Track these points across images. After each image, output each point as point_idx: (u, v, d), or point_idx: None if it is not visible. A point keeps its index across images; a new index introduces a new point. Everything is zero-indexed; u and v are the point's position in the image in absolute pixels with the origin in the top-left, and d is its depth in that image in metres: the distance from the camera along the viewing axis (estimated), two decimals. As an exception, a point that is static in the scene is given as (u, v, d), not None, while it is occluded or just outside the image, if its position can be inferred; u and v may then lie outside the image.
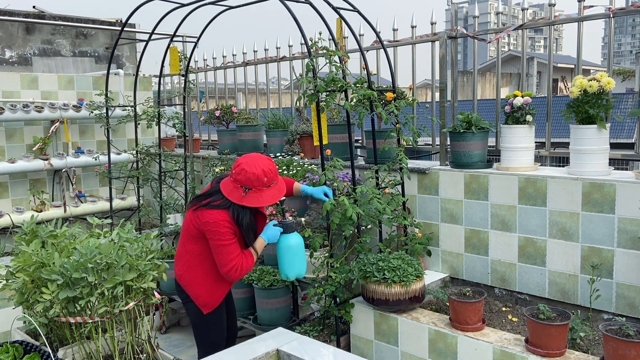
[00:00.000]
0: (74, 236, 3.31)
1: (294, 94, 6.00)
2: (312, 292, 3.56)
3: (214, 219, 2.86)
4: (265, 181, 2.88)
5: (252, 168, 2.86)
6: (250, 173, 2.85)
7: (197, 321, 3.16)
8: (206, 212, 2.90)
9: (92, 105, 5.79)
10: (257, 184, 2.87)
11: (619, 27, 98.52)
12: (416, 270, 3.40)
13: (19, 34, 6.89)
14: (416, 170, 4.08)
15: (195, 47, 5.72)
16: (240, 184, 2.88)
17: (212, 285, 3.07)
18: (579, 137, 3.31)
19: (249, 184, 2.86)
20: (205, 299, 3.07)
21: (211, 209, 2.90)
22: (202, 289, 3.06)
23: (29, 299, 2.99)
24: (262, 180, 2.87)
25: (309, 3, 3.77)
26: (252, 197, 2.87)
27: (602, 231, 3.24)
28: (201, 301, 3.08)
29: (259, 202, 2.89)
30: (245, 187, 2.87)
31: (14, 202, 5.91)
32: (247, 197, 2.87)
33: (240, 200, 2.87)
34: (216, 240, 2.87)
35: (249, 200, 2.87)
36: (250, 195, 2.87)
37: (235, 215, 2.90)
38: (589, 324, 3.19)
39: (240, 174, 2.87)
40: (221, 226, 2.85)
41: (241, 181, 2.87)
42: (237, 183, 2.88)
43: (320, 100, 3.57)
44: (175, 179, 6.14)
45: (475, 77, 4.25)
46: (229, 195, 2.89)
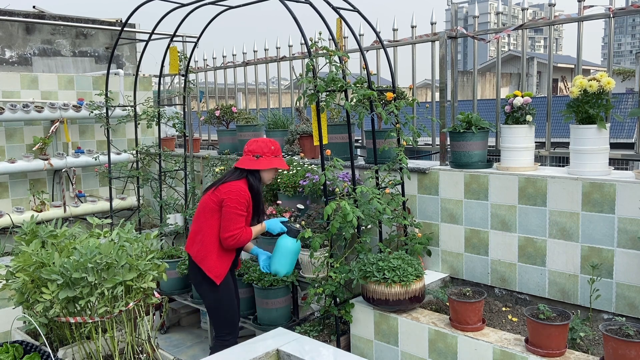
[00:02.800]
0: (74, 236, 3.31)
1: (294, 94, 6.00)
2: (312, 292, 3.56)
3: (237, 188, 3.32)
4: (272, 149, 3.45)
5: (261, 139, 3.51)
6: (260, 141, 3.46)
7: (213, 298, 3.47)
8: (228, 184, 3.36)
9: (92, 105, 5.79)
10: (267, 151, 3.42)
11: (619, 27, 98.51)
12: (416, 270, 3.40)
13: (19, 34, 6.89)
14: (416, 170, 4.08)
15: (195, 47, 5.72)
16: (252, 154, 3.42)
17: (223, 255, 3.41)
18: (579, 137, 3.31)
19: (259, 150, 3.41)
20: (218, 270, 3.39)
21: (231, 182, 3.36)
22: (215, 259, 3.38)
23: (29, 299, 2.99)
24: (270, 147, 3.43)
25: (309, 3, 3.77)
26: (263, 161, 3.40)
27: (602, 231, 3.24)
28: (215, 272, 3.38)
29: (270, 165, 3.41)
30: (257, 154, 3.41)
31: (14, 202, 5.92)
32: (259, 161, 3.40)
33: (253, 165, 3.38)
34: (232, 208, 3.28)
35: (260, 164, 3.39)
36: (262, 161, 3.40)
37: (250, 182, 3.38)
38: (589, 324, 3.19)
39: (252, 145, 3.45)
40: (242, 196, 3.31)
41: (253, 150, 3.42)
42: (250, 153, 3.43)
43: (320, 100, 3.56)
44: (175, 179, 6.14)
45: (475, 77, 4.25)
46: (243, 164, 3.40)
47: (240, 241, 3.32)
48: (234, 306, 3.55)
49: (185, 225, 5.69)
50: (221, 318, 3.52)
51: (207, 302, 3.54)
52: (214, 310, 3.53)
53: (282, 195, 4.48)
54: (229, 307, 3.51)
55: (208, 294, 3.47)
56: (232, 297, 3.53)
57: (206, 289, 3.46)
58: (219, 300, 3.48)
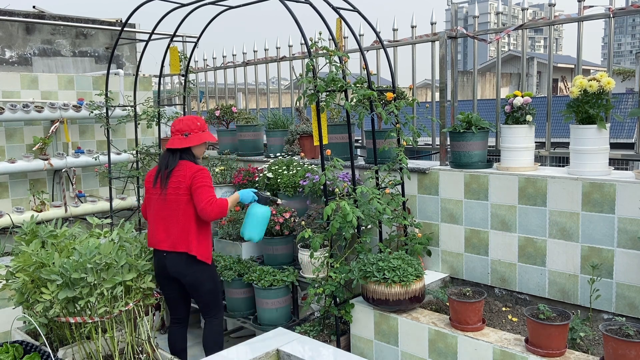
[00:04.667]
0: (73, 236, 3.31)
1: (294, 94, 6.00)
2: (312, 292, 3.56)
3: (196, 168, 3.38)
4: (199, 125, 3.48)
5: (186, 117, 3.55)
6: (185, 119, 3.50)
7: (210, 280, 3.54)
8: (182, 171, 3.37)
9: (92, 105, 5.79)
10: (194, 127, 3.45)
11: (619, 27, 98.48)
12: (416, 270, 3.40)
13: (19, 34, 6.89)
14: (416, 170, 4.08)
15: (195, 47, 5.72)
16: (181, 132, 3.43)
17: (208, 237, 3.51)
18: (579, 137, 3.31)
19: (187, 128, 3.44)
20: (205, 250, 3.45)
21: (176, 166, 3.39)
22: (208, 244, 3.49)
23: (29, 299, 2.99)
24: (196, 124, 3.46)
25: (309, 3, 3.77)
26: (194, 138, 3.43)
27: (602, 231, 3.24)
28: (205, 254, 3.44)
29: (200, 140, 3.45)
30: (185, 132, 3.43)
31: (14, 202, 5.91)
32: (189, 138, 3.41)
33: (184, 143, 3.39)
34: (201, 181, 3.32)
35: (191, 140, 3.41)
36: (192, 137, 3.42)
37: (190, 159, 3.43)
38: (589, 324, 3.19)
39: (178, 124, 3.46)
40: (204, 171, 3.37)
41: (181, 129, 3.44)
42: (178, 133, 3.44)
43: (320, 100, 3.56)
44: (175, 179, 6.13)
45: (475, 77, 4.25)
46: (174, 144, 3.40)
47: (220, 208, 3.31)
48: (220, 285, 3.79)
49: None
50: (217, 297, 3.63)
51: (208, 287, 3.54)
52: (211, 292, 3.57)
53: (282, 195, 4.48)
54: (219, 288, 3.67)
55: (204, 277, 3.51)
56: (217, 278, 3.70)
57: (202, 274, 3.48)
58: (214, 280, 3.59)
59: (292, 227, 4.36)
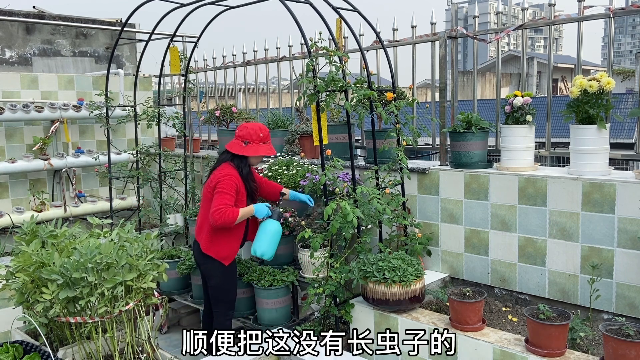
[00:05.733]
0: (74, 236, 3.31)
1: (294, 94, 6.00)
2: (312, 292, 3.56)
3: (225, 172, 3.53)
4: (261, 136, 3.58)
5: (252, 125, 3.62)
6: (250, 128, 3.58)
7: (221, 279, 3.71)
8: (218, 171, 3.58)
9: (92, 105, 5.79)
10: (255, 138, 3.56)
11: (619, 27, 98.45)
12: (416, 270, 3.40)
13: (19, 34, 6.89)
14: (416, 170, 4.08)
15: (195, 47, 5.72)
16: (242, 139, 3.57)
17: (229, 239, 3.64)
18: (579, 137, 3.31)
19: (248, 137, 3.56)
20: (225, 252, 3.63)
21: (220, 167, 3.59)
22: (222, 244, 3.61)
23: (29, 299, 2.99)
24: (258, 135, 3.57)
25: (309, 3, 3.77)
26: (251, 148, 3.56)
27: (602, 231, 3.24)
28: (222, 254, 3.62)
29: (257, 152, 3.57)
30: (245, 140, 3.56)
31: (14, 202, 5.92)
32: (246, 147, 3.56)
33: (241, 151, 3.55)
34: (220, 188, 3.46)
35: (248, 151, 3.56)
36: (250, 147, 3.56)
37: (236, 165, 3.58)
38: (589, 324, 3.19)
39: (242, 130, 3.59)
40: (230, 179, 3.50)
41: (242, 136, 3.57)
42: (239, 139, 3.58)
43: (320, 100, 3.57)
44: (175, 179, 6.14)
45: (475, 77, 4.25)
46: (232, 148, 3.58)
47: (226, 216, 3.41)
48: (235, 285, 3.84)
49: (186, 225, 5.69)
50: (226, 297, 3.77)
51: (214, 282, 3.73)
52: (220, 289, 3.74)
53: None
54: (234, 287, 3.81)
55: (213, 272, 3.70)
56: (234, 279, 3.81)
57: (216, 268, 3.67)
58: (226, 282, 3.73)
59: (292, 227, 4.36)
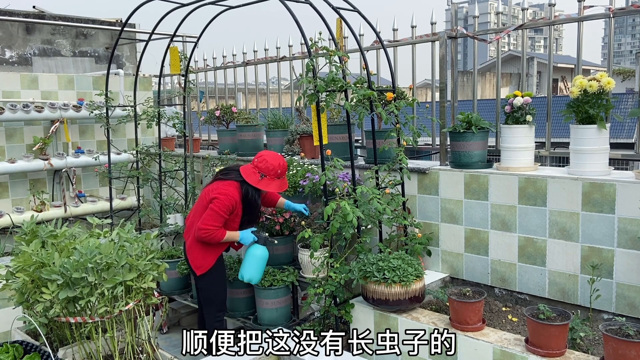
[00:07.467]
0: (74, 236, 3.31)
1: (294, 94, 6.00)
2: (312, 292, 3.56)
3: (227, 192, 3.56)
4: (279, 173, 3.64)
5: (273, 160, 3.62)
6: (270, 163, 3.60)
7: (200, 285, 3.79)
8: (223, 185, 3.62)
9: (92, 105, 5.79)
10: (272, 174, 3.61)
11: (619, 27, 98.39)
12: (416, 270, 3.40)
13: (19, 34, 6.89)
14: (416, 170, 4.08)
15: (195, 47, 5.72)
16: (259, 170, 3.61)
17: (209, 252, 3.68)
18: (579, 137, 3.31)
19: (266, 171, 3.60)
20: (200, 261, 3.68)
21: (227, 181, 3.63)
22: (200, 252, 3.67)
23: (29, 299, 2.99)
24: (276, 172, 3.62)
25: (309, 3, 3.77)
26: (265, 182, 3.61)
27: (602, 231, 3.24)
28: (196, 263, 3.69)
29: (270, 188, 3.63)
30: (262, 173, 3.61)
31: (14, 202, 5.91)
32: (262, 181, 3.61)
33: (257, 183, 3.60)
34: (217, 207, 3.51)
35: (262, 184, 3.60)
36: (264, 181, 3.61)
37: (244, 190, 3.63)
38: (589, 324, 3.19)
39: (262, 163, 3.61)
40: (229, 200, 3.54)
41: (261, 168, 3.61)
42: (257, 169, 3.62)
43: (320, 100, 3.56)
44: (175, 179, 6.14)
45: (475, 77, 4.25)
46: (248, 177, 3.62)
47: (211, 237, 3.54)
48: (223, 288, 3.89)
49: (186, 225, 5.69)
50: (215, 298, 3.83)
51: (201, 284, 3.81)
52: (206, 290, 3.82)
53: (282, 195, 4.48)
54: (222, 288, 3.88)
55: (197, 279, 3.81)
56: (220, 282, 3.84)
57: (195, 275, 3.79)
58: (212, 282, 3.78)
59: (292, 227, 4.36)
